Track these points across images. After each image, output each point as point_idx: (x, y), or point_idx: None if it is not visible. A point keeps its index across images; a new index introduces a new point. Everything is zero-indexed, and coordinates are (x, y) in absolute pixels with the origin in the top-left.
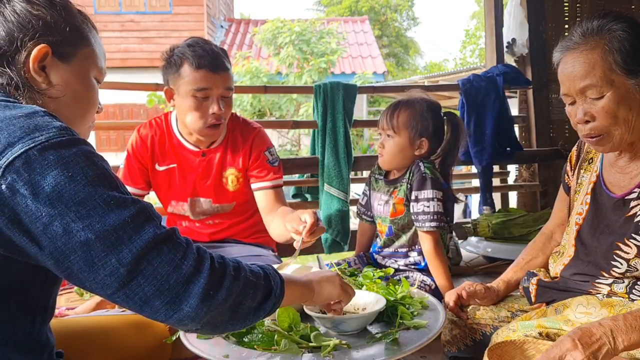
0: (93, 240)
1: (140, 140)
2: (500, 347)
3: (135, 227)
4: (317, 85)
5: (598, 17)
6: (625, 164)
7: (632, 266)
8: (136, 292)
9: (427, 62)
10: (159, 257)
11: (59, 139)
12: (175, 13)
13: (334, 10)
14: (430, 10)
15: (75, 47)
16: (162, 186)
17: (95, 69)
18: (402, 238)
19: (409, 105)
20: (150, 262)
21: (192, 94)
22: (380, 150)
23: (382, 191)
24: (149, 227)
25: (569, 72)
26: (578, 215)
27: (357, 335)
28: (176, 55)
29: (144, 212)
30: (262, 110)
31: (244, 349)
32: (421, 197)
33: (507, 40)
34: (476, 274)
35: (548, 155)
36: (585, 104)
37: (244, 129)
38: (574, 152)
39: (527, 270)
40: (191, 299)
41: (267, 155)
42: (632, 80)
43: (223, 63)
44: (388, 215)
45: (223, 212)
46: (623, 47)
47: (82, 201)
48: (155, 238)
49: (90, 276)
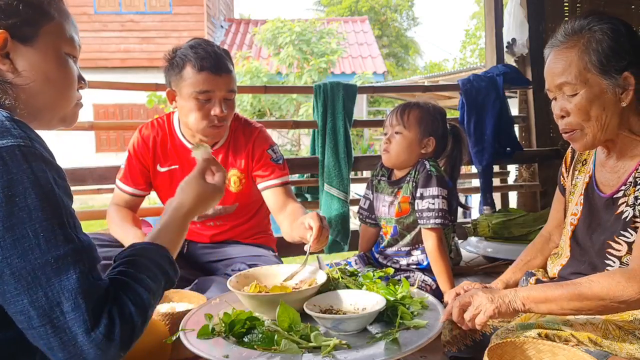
0: (7, 276)
1: (142, 141)
2: (500, 347)
3: (57, 270)
4: (317, 85)
5: (582, 17)
6: (614, 164)
7: (624, 263)
8: (42, 338)
9: (427, 62)
10: (73, 312)
11: (9, 149)
12: (175, 13)
13: (334, 10)
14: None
15: (36, 26)
16: (163, 187)
17: (65, 44)
18: (406, 237)
19: (420, 105)
20: (63, 314)
21: (194, 96)
22: (386, 147)
23: (386, 192)
24: (72, 272)
25: (549, 68)
26: (573, 216)
27: (357, 335)
28: (178, 57)
29: (74, 254)
30: (262, 110)
31: (244, 349)
32: (426, 194)
33: (507, 40)
34: (476, 274)
35: (548, 155)
36: (562, 100)
37: (246, 130)
38: (568, 154)
39: (525, 270)
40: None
41: (270, 153)
42: (607, 81)
43: (226, 65)
44: (393, 216)
45: (226, 214)
46: (600, 47)
47: (11, 227)
48: (76, 287)
49: (5, 306)
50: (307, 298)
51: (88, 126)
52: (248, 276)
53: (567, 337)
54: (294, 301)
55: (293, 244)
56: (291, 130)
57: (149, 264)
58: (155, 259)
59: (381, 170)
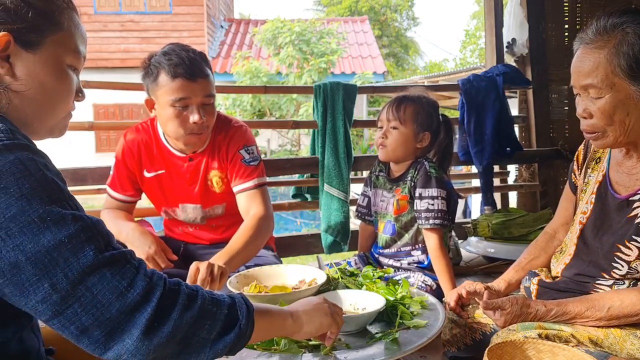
0: (23, 262)
1: (127, 147)
2: (500, 347)
3: (72, 249)
4: (317, 85)
5: (616, 14)
6: (633, 165)
7: (633, 268)
8: (72, 321)
9: (427, 62)
10: (99, 283)
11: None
12: (175, 13)
13: (334, 10)
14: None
15: (42, 34)
16: (152, 193)
17: (69, 56)
18: (404, 237)
19: (415, 100)
20: (89, 289)
21: (170, 104)
22: (381, 142)
23: (385, 188)
24: (89, 248)
25: (576, 66)
26: (582, 214)
27: (357, 335)
28: (152, 65)
29: (85, 230)
30: (262, 110)
31: (244, 348)
32: (425, 194)
33: (507, 40)
34: (476, 274)
35: (548, 155)
36: (586, 101)
37: (224, 128)
38: (580, 151)
39: (528, 270)
40: (135, 329)
41: (242, 154)
42: (634, 87)
43: (201, 70)
44: (391, 213)
45: (216, 216)
46: (631, 51)
47: (14, 217)
48: (95, 261)
49: (22, 300)
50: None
51: (88, 126)
52: (248, 276)
53: (567, 337)
54: (294, 301)
55: (293, 244)
56: (291, 130)
57: (217, 298)
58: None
59: (379, 166)
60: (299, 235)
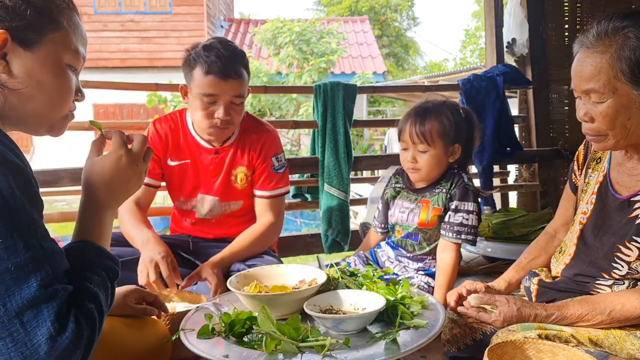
0: None
1: (157, 134)
2: (500, 347)
3: (17, 279)
4: (317, 85)
5: (618, 17)
6: (634, 166)
7: (632, 269)
8: (2, 353)
9: (427, 62)
10: (34, 320)
11: None
12: (175, 13)
13: (334, 10)
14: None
15: (40, 33)
16: (172, 181)
17: (68, 55)
18: (425, 249)
19: (437, 112)
20: (23, 325)
21: (199, 97)
22: (412, 165)
23: (407, 199)
24: (33, 280)
25: (577, 70)
26: (583, 214)
27: (357, 335)
28: (192, 56)
29: (34, 262)
30: (262, 110)
31: (244, 348)
32: (462, 207)
33: (507, 40)
34: (476, 274)
35: (548, 155)
36: (588, 104)
37: (257, 130)
38: (581, 151)
39: (528, 269)
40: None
41: (273, 161)
42: (637, 91)
43: (235, 70)
44: (415, 224)
45: (230, 212)
46: (633, 55)
47: None
48: (37, 295)
49: None
50: (307, 298)
51: (88, 126)
52: (248, 276)
53: (567, 337)
54: (294, 301)
55: (293, 244)
56: (291, 130)
57: (89, 264)
58: (89, 256)
59: (395, 179)
60: (299, 235)
